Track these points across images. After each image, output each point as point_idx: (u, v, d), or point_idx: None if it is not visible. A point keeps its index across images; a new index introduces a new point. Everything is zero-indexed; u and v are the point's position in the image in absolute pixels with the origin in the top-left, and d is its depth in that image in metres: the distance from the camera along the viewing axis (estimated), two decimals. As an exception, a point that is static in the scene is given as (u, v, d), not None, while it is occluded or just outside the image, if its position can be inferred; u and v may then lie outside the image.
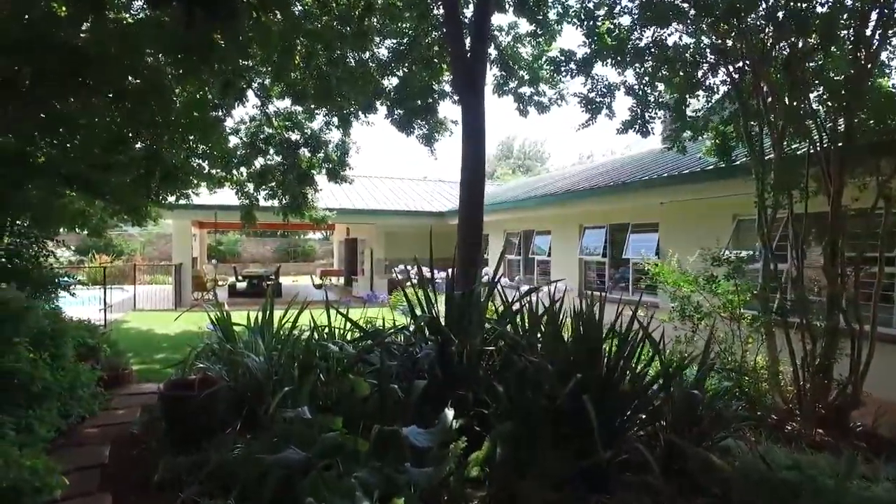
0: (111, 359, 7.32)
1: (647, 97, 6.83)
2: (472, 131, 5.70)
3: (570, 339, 4.37)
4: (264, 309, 5.85)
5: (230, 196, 18.07)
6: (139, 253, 28.79)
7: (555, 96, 9.18)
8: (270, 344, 5.17)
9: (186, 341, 10.48)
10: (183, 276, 16.21)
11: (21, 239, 6.97)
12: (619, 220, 11.82)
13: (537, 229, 14.90)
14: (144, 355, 9.07)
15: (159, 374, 7.71)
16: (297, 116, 11.84)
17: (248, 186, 12.39)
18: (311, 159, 12.15)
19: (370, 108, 9.69)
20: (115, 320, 12.82)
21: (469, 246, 5.55)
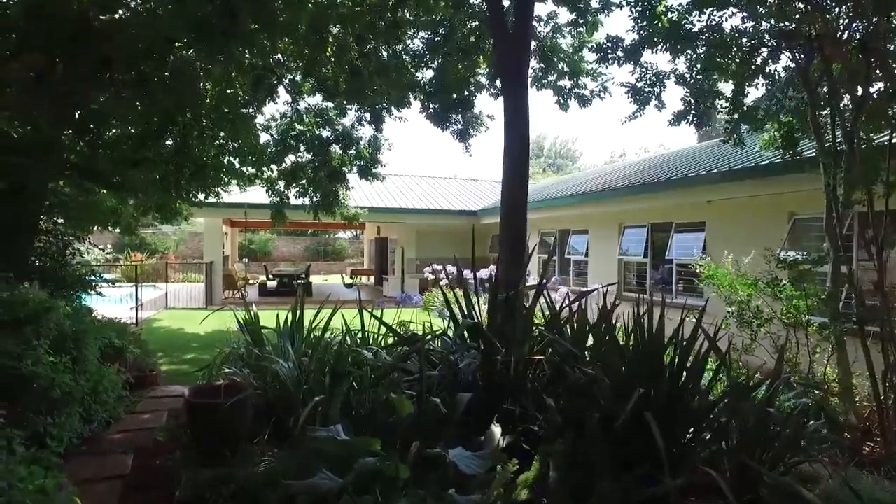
0: (139, 359, 7.15)
1: (702, 86, 6.35)
2: (516, 121, 5.33)
3: (628, 348, 3.96)
4: (294, 311, 5.57)
5: (261, 194, 18.04)
6: (172, 251, 29.08)
7: (597, 88, 8.72)
8: (300, 348, 4.88)
9: (216, 341, 10.30)
10: (214, 275, 16.16)
11: (48, 237, 6.84)
12: (661, 218, 11.28)
13: (573, 228, 14.42)
14: (173, 355, 8.91)
15: (187, 376, 7.51)
16: (328, 112, 11.61)
17: (279, 184, 12.20)
18: (342, 156, 11.90)
19: (404, 103, 9.37)
20: (147, 319, 12.78)
21: (512, 244, 5.17)
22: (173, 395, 6.39)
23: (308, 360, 4.58)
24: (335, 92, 10.34)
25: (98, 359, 5.38)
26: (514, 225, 5.23)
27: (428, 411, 3.56)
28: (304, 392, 4.37)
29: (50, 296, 5.39)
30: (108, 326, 6.06)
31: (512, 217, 5.27)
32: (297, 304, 5.55)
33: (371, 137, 11.55)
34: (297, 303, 5.58)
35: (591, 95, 8.75)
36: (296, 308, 5.57)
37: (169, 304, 15.19)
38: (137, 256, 24.90)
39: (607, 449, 3.43)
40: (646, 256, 11.73)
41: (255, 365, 4.77)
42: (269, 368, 4.56)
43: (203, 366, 8.38)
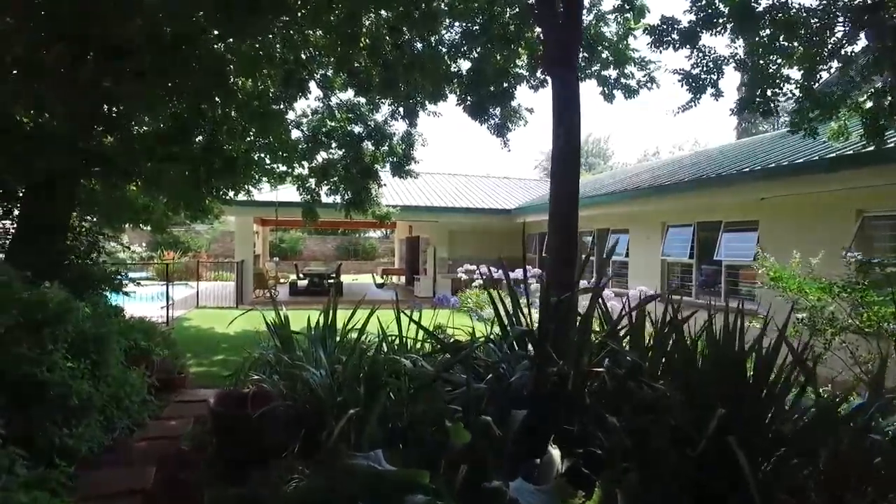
0: (167, 361, 6.91)
1: (766, 71, 5.82)
2: (565, 110, 4.89)
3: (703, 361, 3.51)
4: (326, 313, 5.23)
5: (292, 193, 17.88)
6: (205, 250, 29.25)
7: (643, 78, 8.20)
8: (333, 354, 4.52)
9: (245, 342, 10.08)
10: (244, 274, 16.03)
11: (72, 234, 6.65)
12: (708, 217, 10.68)
13: (613, 228, 13.86)
14: (202, 356, 8.69)
15: (216, 379, 7.26)
16: (360, 108, 11.30)
17: (310, 182, 11.95)
18: (374, 153, 11.59)
19: (440, 95, 8.97)
20: (178, 318, 12.66)
21: (562, 242, 4.74)
22: (201, 400, 6.10)
23: (342, 368, 4.22)
24: (368, 86, 10.02)
25: (122, 362, 5.13)
26: (564, 222, 4.79)
27: (476, 430, 3.16)
28: (338, 403, 4.01)
29: (73, 296, 5.16)
30: (134, 327, 5.82)
31: (561, 213, 4.83)
32: (330, 307, 5.20)
33: (404, 133, 11.20)
34: (329, 305, 5.23)
35: (637, 86, 8.23)
36: (328, 310, 5.23)
37: (200, 302, 15.10)
38: (170, 255, 25.07)
39: (684, 478, 2.99)
40: (691, 257, 11.14)
41: (285, 372, 4.42)
42: (299, 376, 4.21)
43: (232, 367, 8.16)
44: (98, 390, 4.04)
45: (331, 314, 5.18)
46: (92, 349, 4.09)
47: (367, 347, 4.75)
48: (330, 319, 5.18)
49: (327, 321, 5.19)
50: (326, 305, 5.27)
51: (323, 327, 5.07)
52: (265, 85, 9.04)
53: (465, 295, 15.49)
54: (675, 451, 3.08)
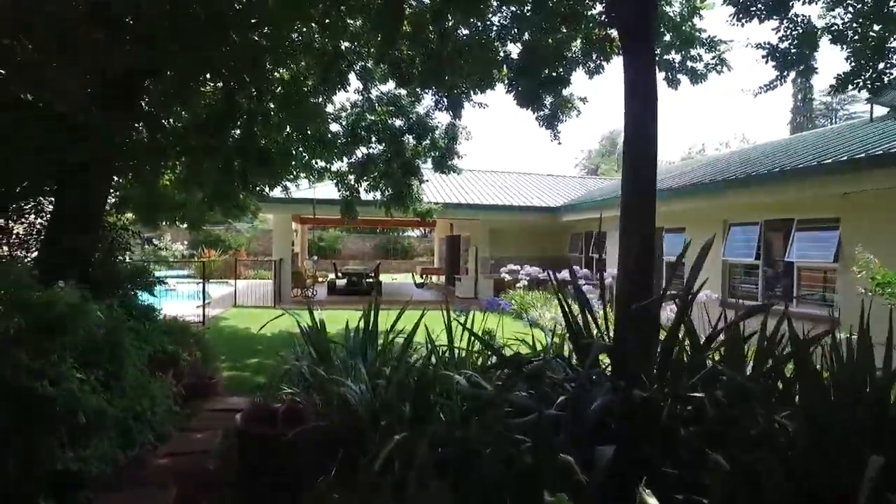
0: (197, 365, 6.52)
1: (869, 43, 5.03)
2: (640, 89, 4.22)
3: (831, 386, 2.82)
4: (366, 317, 4.69)
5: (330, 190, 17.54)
6: (245, 248, 29.32)
7: (712, 61, 7.43)
8: (375, 367, 3.97)
9: (281, 344, 9.67)
10: (283, 273, 15.73)
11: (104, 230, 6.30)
12: (778, 214, 9.80)
13: (666, 226, 12.99)
14: (236, 359, 8.30)
15: (248, 385, 6.83)
16: (401, 100, 10.78)
17: (349, 178, 11.49)
18: (415, 147, 11.06)
19: (488, 83, 8.35)
20: (215, 317, 12.39)
21: (635, 243, 4.08)
22: (231, 409, 5.64)
23: (385, 384, 3.66)
24: (409, 77, 9.49)
25: (145, 367, 4.71)
26: (639, 218, 4.13)
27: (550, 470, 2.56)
28: (380, 425, 3.47)
29: (96, 297, 4.76)
30: (159, 330, 5.39)
31: (635, 209, 4.16)
32: (370, 311, 4.66)
33: (448, 126, 10.63)
34: (369, 308, 4.69)
35: (705, 69, 7.46)
36: (368, 314, 4.69)
37: (238, 301, 14.86)
38: (210, 253, 25.13)
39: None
40: (757, 258, 10.26)
41: (320, 386, 3.90)
42: (335, 392, 3.68)
43: (266, 371, 7.74)
44: (112, 404, 3.57)
45: (371, 321, 4.64)
46: (105, 358, 3.63)
47: (413, 357, 4.20)
48: (371, 325, 4.63)
49: (367, 326, 4.66)
50: (367, 309, 4.73)
51: (363, 334, 4.53)
52: (303, 76, 8.62)
53: (509, 296, 14.86)
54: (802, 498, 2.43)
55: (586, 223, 16.70)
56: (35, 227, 6.09)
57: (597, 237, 16.31)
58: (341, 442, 3.72)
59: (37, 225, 6.19)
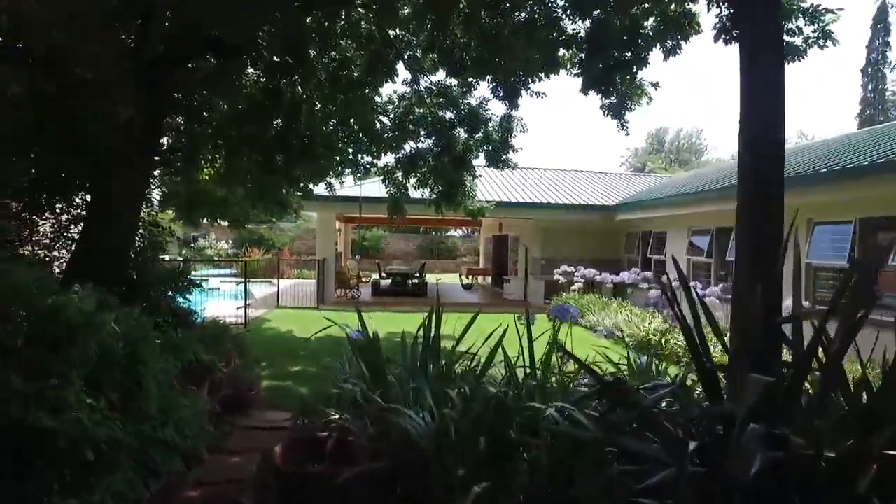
0: (237, 373, 5.97)
1: None
2: (761, 60, 3.43)
3: None
4: (426, 329, 4.02)
5: (375, 188, 17.01)
6: (288, 247, 29.19)
7: (814, 34, 6.49)
8: (440, 391, 3.29)
9: (325, 350, 9.11)
10: (326, 272, 15.27)
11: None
12: (878, 212, 8.71)
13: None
14: (278, 365, 7.76)
15: (290, 396, 6.25)
16: (452, 91, 10.10)
17: (397, 174, 10.88)
18: (467, 141, 10.37)
19: (550, 67, 7.59)
20: (257, 318, 11.98)
21: (757, 245, 3.29)
22: (272, 427, 5.08)
23: (455, 414, 2.97)
24: (462, 65, 8.82)
25: (175, 381, 4.16)
26: (766, 206, 3.33)
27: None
28: (450, 466, 2.78)
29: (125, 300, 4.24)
30: (193, 337, 4.83)
31: (756, 202, 3.36)
32: (432, 320, 3.99)
33: (503, 117, 9.91)
34: (430, 317, 4.01)
35: (804, 45, 6.53)
36: (428, 322, 4.02)
37: (280, 302, 14.45)
38: (254, 252, 25.01)
39: None
40: (849, 261, 9.18)
41: (375, 415, 3.24)
42: (394, 423, 3.01)
43: (310, 380, 7.17)
44: (130, 432, 2.99)
45: (433, 333, 3.96)
46: (122, 375, 3.05)
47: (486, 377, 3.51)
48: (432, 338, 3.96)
49: (428, 338, 3.98)
50: (428, 319, 4.05)
51: (423, 349, 3.86)
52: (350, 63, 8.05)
53: (562, 299, 14.02)
54: None
55: (644, 222, 15.72)
56: (63, 224, 5.63)
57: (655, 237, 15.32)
58: (401, 480, 3.06)
59: (65, 221, 5.73)
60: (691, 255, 13.56)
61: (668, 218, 14.32)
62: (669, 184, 17.14)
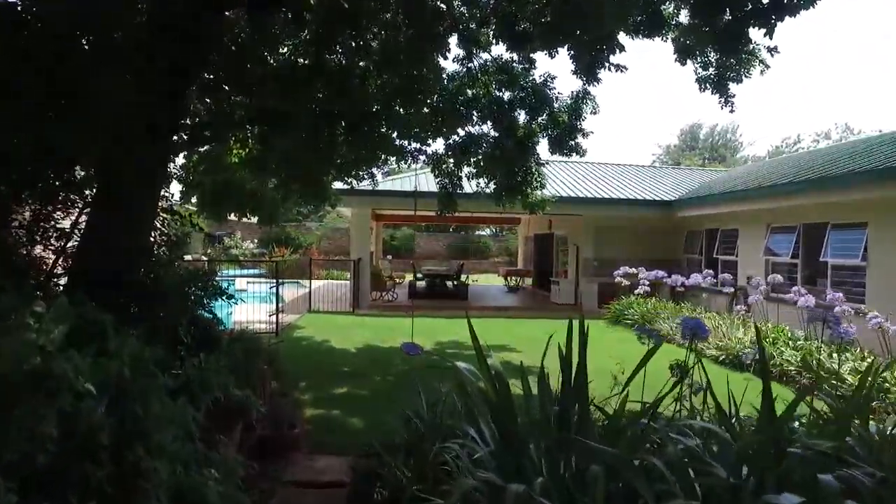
0: (275, 403, 4.76)
1: None
2: None
3: None
4: (566, 356, 2.71)
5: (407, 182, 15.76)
6: (315, 247, 28.12)
7: None
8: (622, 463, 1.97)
9: (371, 364, 7.88)
10: (361, 274, 14.04)
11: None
12: None
13: (834, 221, 10.43)
14: (319, 386, 6.51)
15: (341, 431, 5.01)
16: (513, 67, 8.78)
17: (448, 162, 9.59)
18: (528, 124, 9.06)
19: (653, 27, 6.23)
20: (288, 325, 10.79)
21: None
22: (326, 485, 3.83)
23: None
24: (527, 35, 7.52)
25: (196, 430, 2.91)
26: None
27: None
28: None
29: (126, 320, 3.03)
30: (223, 368, 3.58)
31: None
32: (573, 341, 2.67)
33: (579, 94, 8.58)
34: (571, 342, 2.70)
35: None
36: (568, 349, 2.70)
37: (313, 306, 13.26)
38: (282, 251, 23.97)
39: None
40: None
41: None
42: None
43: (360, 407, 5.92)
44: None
45: (577, 358, 2.65)
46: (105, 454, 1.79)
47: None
48: (577, 370, 2.65)
49: (568, 374, 2.67)
50: (568, 345, 2.73)
51: (563, 385, 2.56)
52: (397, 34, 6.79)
53: (622, 304, 12.61)
54: None
55: (708, 219, 14.23)
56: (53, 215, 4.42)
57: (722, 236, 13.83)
58: None
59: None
60: (770, 256, 12.06)
61: (739, 213, 12.84)
62: (733, 177, 15.59)
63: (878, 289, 9.13)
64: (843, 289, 9.37)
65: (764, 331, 9.19)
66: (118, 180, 4.26)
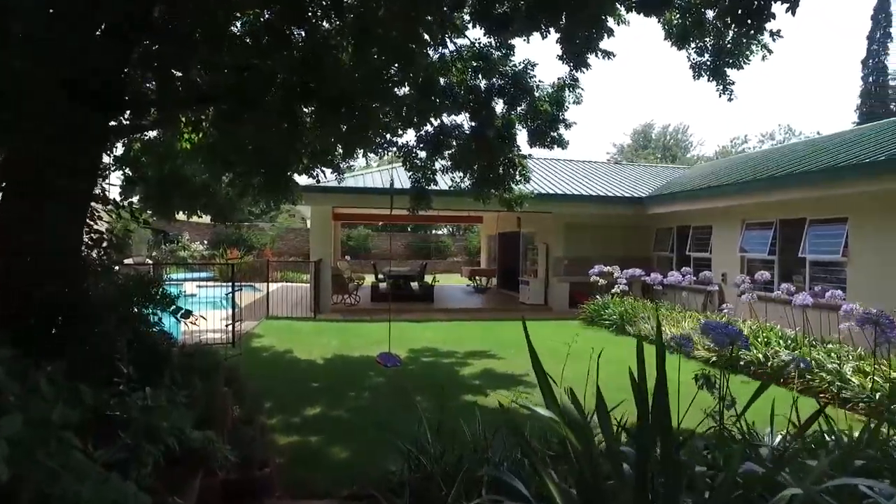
0: (240, 435, 3.96)
1: None
2: None
3: None
4: (635, 375, 2.05)
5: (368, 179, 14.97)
6: (270, 247, 26.88)
7: None
8: None
9: (343, 379, 7.10)
10: (322, 276, 13.14)
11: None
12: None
13: (812, 217, 10.21)
14: (288, 406, 5.68)
15: (321, 466, 4.24)
16: (490, 54, 8.14)
17: (418, 154, 8.87)
18: (508, 114, 8.46)
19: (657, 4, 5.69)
20: (246, 333, 9.86)
21: None
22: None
23: None
24: (506, 19, 6.90)
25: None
26: None
27: None
28: None
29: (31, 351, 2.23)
30: (178, 408, 2.77)
31: None
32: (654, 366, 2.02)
33: (563, 81, 8.00)
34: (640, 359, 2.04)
35: None
36: (643, 376, 2.05)
37: (271, 311, 12.29)
38: (234, 254, 22.72)
39: None
40: None
41: None
42: None
43: (338, 431, 5.14)
44: None
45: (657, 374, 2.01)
46: None
47: None
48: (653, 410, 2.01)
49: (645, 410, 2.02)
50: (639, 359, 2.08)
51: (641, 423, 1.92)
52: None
53: (598, 305, 12.14)
54: None
55: (681, 216, 13.97)
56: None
57: (695, 233, 13.57)
58: None
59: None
60: (746, 253, 11.82)
61: (713, 210, 12.59)
62: (705, 173, 15.41)
63: (858, 285, 8.90)
64: (822, 285, 9.13)
65: (755, 330, 8.86)
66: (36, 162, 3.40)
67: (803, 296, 7.68)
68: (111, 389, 2.57)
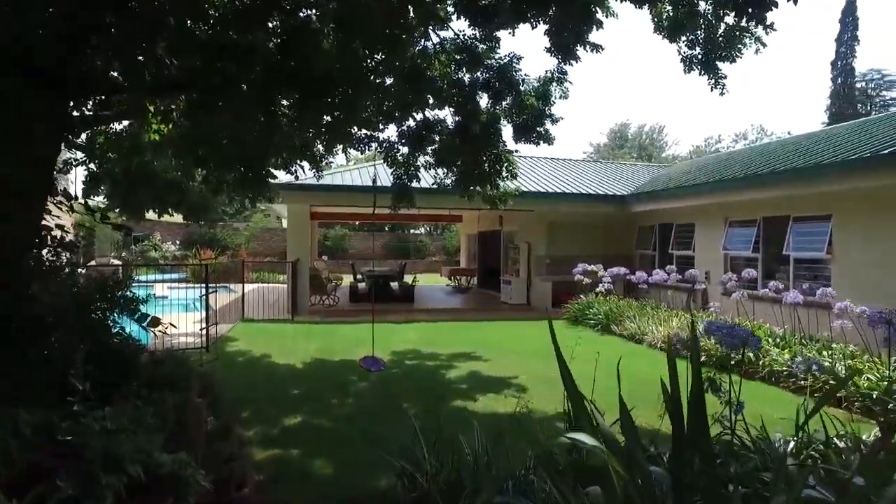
0: (215, 453, 3.64)
1: None
2: None
3: None
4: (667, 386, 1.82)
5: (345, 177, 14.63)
6: (244, 248, 26.28)
7: None
8: None
9: (324, 384, 6.78)
10: (300, 276, 12.75)
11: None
12: None
13: (795, 214, 10.16)
14: (266, 415, 5.34)
15: (306, 482, 3.93)
16: (476, 46, 7.88)
17: (399, 149, 8.58)
18: (492, 109, 8.22)
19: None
20: (220, 336, 9.45)
21: None
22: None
23: None
24: (492, 10, 6.67)
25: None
26: None
27: None
28: None
29: None
30: (143, 431, 2.45)
31: None
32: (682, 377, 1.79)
33: (554, 73, 7.78)
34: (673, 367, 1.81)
35: None
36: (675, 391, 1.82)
37: (247, 313, 11.86)
38: (208, 254, 22.12)
39: None
40: None
41: None
42: None
43: (322, 442, 4.83)
44: None
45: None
46: None
47: None
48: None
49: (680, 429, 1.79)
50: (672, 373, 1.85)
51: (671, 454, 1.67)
52: None
53: (583, 305, 11.95)
54: None
55: (664, 214, 13.89)
56: None
57: (678, 230, 13.49)
58: None
59: None
60: (729, 251, 11.76)
61: (696, 207, 12.52)
62: (687, 170, 15.36)
63: (843, 282, 8.84)
64: (808, 283, 9.06)
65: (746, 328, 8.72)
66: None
67: (794, 294, 7.57)
68: (64, 409, 2.24)
